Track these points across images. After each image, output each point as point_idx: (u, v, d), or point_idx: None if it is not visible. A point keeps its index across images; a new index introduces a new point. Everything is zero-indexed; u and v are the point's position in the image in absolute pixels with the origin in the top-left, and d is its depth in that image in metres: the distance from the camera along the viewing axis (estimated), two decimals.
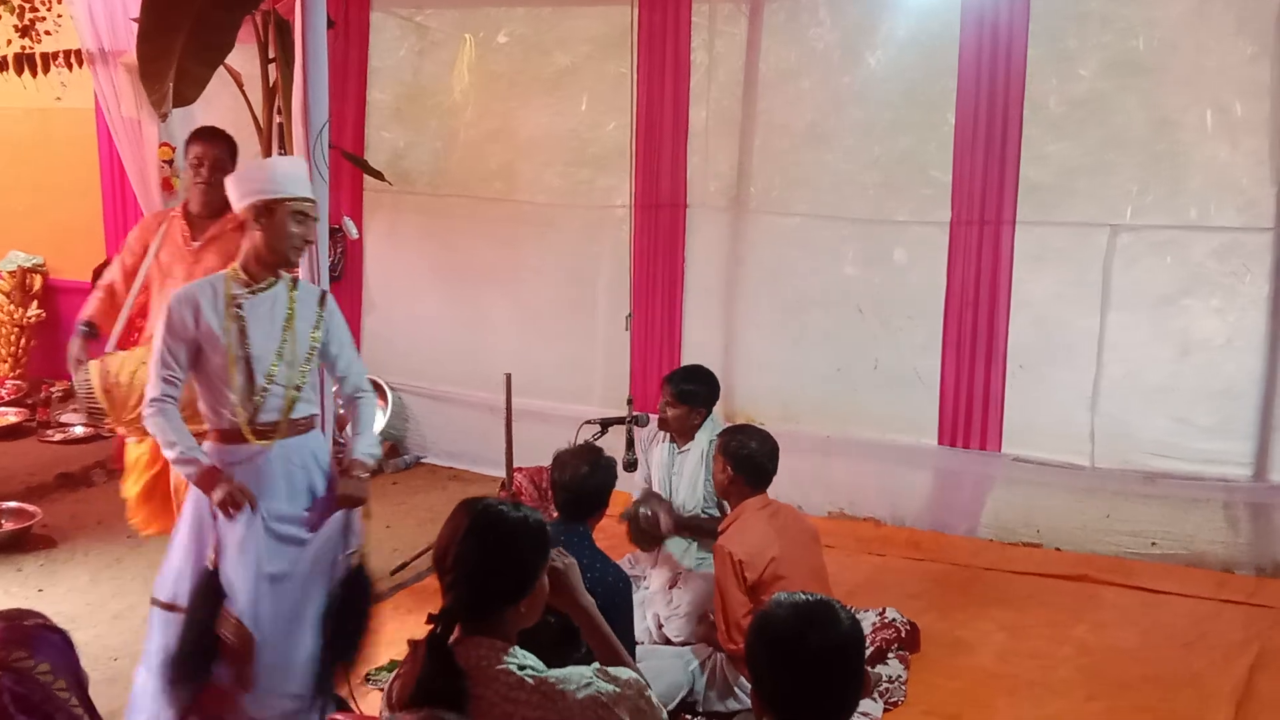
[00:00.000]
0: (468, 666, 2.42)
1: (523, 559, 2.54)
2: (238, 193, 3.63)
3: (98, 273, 6.84)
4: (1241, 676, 4.61)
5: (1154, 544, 5.73)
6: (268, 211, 3.56)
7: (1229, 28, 5.48)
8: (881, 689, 4.40)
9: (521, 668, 2.44)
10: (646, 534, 4.79)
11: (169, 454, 3.60)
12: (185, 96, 6.59)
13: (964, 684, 4.51)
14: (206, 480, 3.55)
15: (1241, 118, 5.51)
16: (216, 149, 5.01)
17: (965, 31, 5.82)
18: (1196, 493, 5.67)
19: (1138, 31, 5.65)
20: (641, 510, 4.78)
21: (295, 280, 3.72)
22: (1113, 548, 5.76)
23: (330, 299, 3.78)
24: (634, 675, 2.53)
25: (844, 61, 6.28)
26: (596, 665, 2.56)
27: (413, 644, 2.53)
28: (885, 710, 4.31)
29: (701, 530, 4.82)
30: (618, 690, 2.46)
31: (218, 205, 4.62)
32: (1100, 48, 5.73)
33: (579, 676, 2.47)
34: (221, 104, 7.85)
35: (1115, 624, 5.11)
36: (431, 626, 2.46)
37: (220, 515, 3.55)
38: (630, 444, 4.98)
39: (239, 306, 3.59)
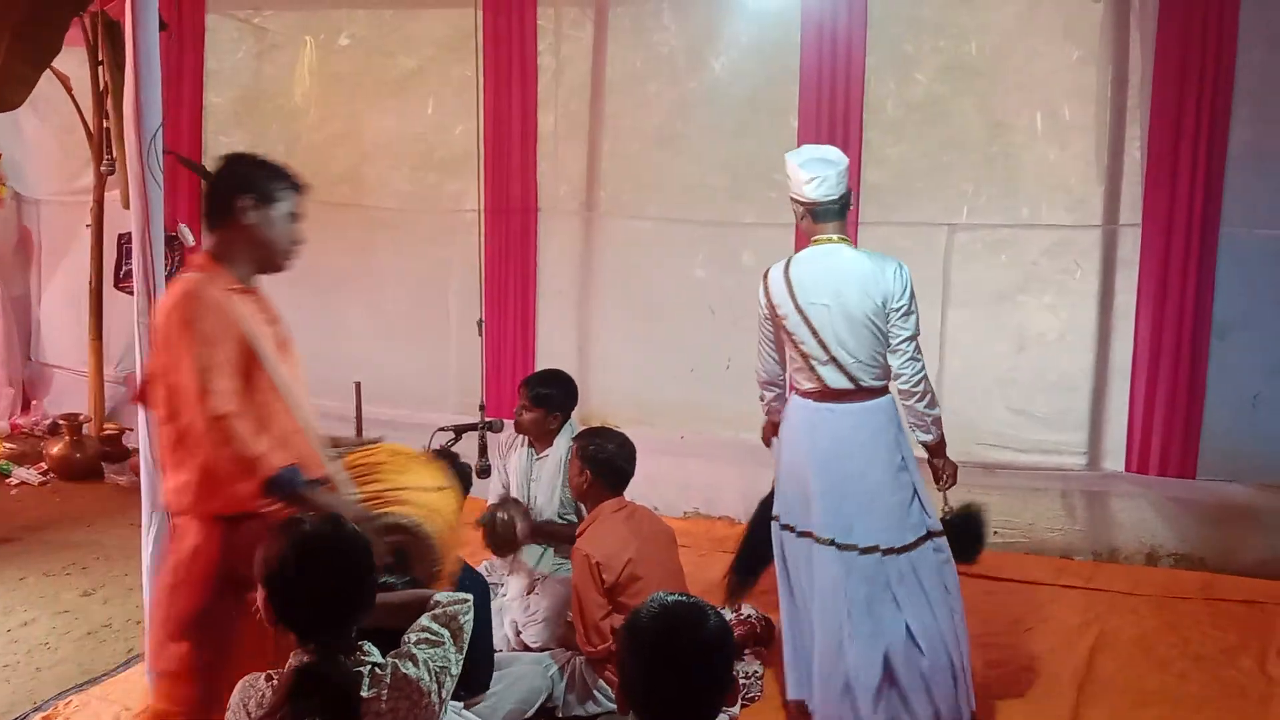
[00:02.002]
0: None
1: (355, 576, 2.59)
2: None
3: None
4: (1082, 659, 4.76)
5: (996, 533, 5.89)
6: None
7: (1056, 33, 5.69)
8: (740, 686, 4.44)
9: (381, 667, 2.52)
10: (503, 540, 4.75)
11: None
12: (10, 101, 6.33)
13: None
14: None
15: (1070, 120, 5.72)
16: None
17: (806, 36, 5.91)
18: (1035, 482, 5.88)
19: (970, 37, 5.82)
20: (499, 515, 4.74)
21: None
22: None
23: None
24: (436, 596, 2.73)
25: (689, 66, 6.34)
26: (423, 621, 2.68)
27: (283, 676, 2.53)
28: (743, 706, 4.34)
29: (558, 535, 4.80)
30: (437, 632, 2.63)
31: None
32: (936, 52, 5.90)
33: (420, 663, 2.57)
34: (49, 108, 7.57)
35: None
36: (304, 659, 2.50)
37: None
38: (483, 450, 4.93)
39: None
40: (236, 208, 3.19)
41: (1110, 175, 5.66)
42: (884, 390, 4.03)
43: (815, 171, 3.96)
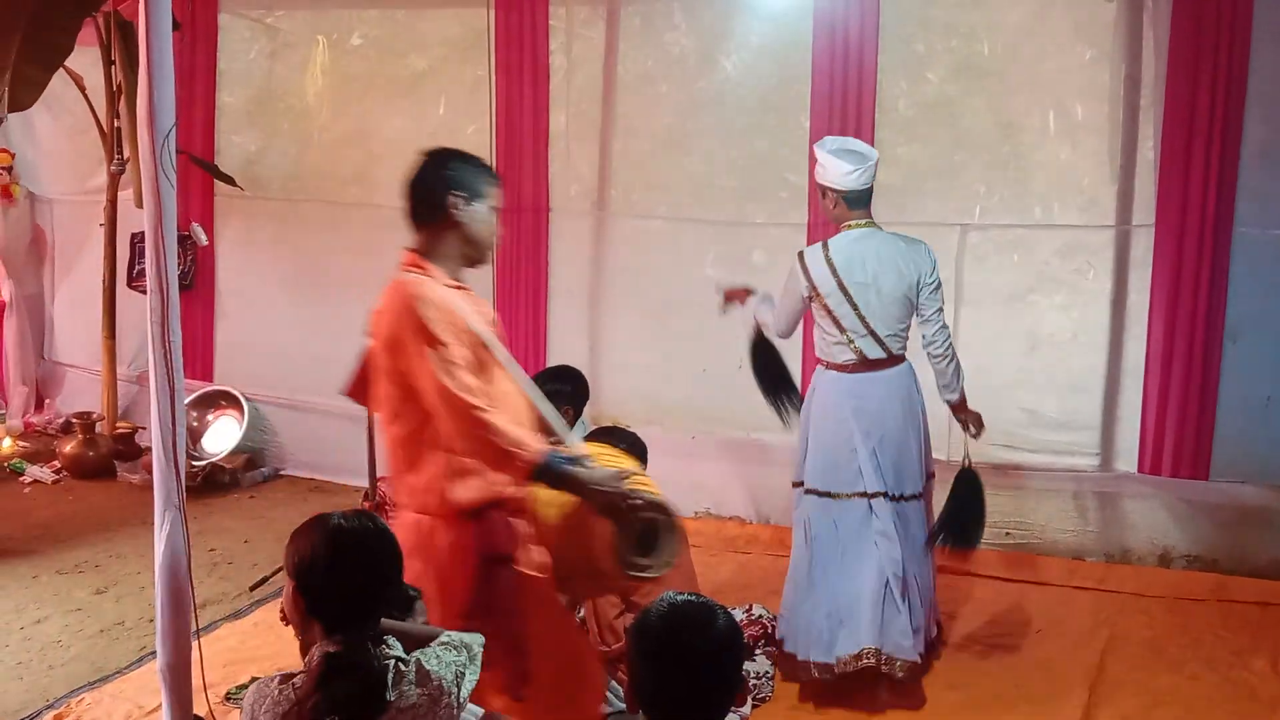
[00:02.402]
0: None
1: (382, 571, 2.62)
2: None
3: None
4: (1093, 661, 4.76)
5: (1007, 534, 5.89)
6: None
7: (1068, 32, 5.67)
8: (750, 686, 4.44)
9: (404, 662, 2.53)
10: None
11: None
12: (22, 101, 6.36)
13: (829, 677, 4.57)
14: None
15: (1082, 120, 5.70)
16: None
17: (817, 37, 5.91)
18: (1047, 483, 5.86)
19: (982, 36, 5.81)
20: None
21: None
22: None
23: None
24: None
25: (700, 67, 6.34)
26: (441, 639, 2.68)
27: (314, 662, 2.55)
28: (754, 706, 4.34)
29: None
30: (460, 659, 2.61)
31: None
32: (948, 52, 5.89)
33: (443, 663, 2.58)
34: (63, 108, 7.60)
35: (970, 614, 5.23)
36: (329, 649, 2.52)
37: None
38: None
39: None
40: (447, 205, 3.33)
41: (1123, 175, 5.64)
42: (904, 356, 4.57)
43: (855, 163, 4.40)
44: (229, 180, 6.90)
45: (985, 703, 4.42)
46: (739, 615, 4.86)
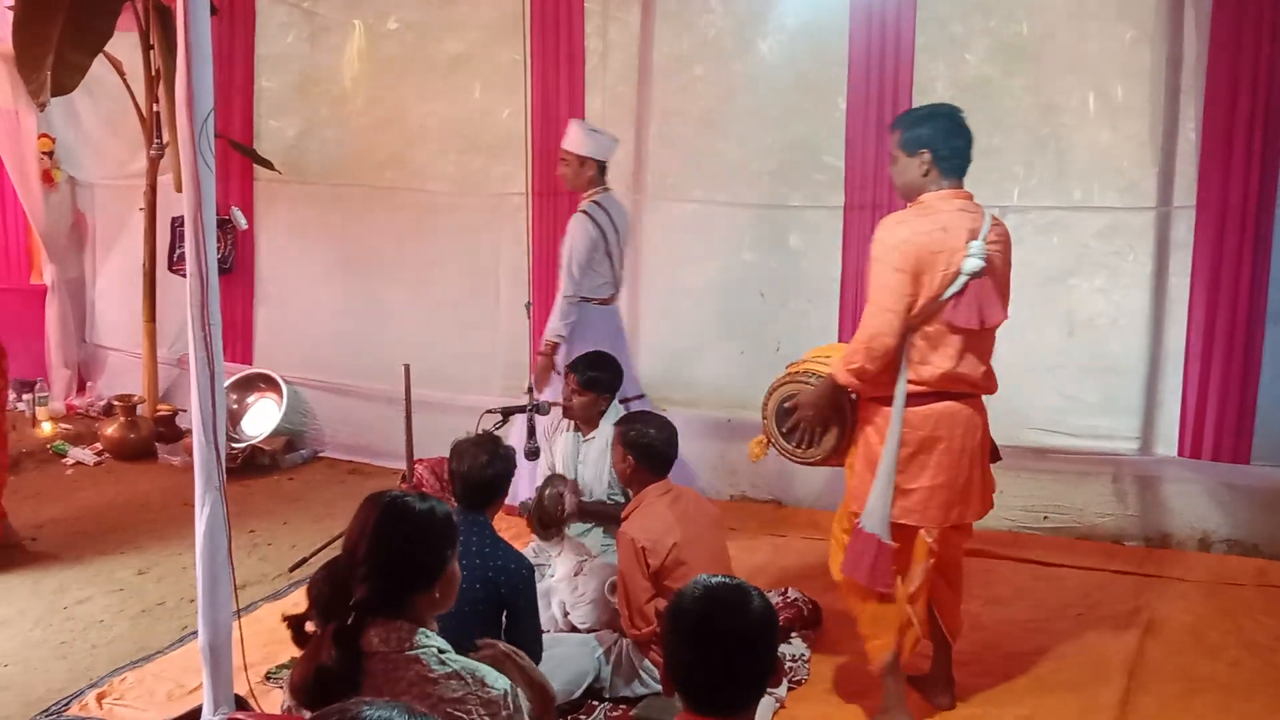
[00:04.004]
0: (375, 650, 2.48)
1: (432, 547, 2.62)
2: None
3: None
4: (1133, 645, 4.73)
5: (1046, 518, 5.87)
6: None
7: (1109, 12, 5.61)
8: (786, 668, 4.45)
9: (442, 650, 2.52)
10: (549, 516, 4.76)
11: None
12: (64, 85, 6.43)
13: (865, 661, 4.57)
14: None
15: (1122, 101, 5.65)
16: None
17: (854, 18, 5.88)
18: (1086, 467, 5.82)
19: (1021, 17, 5.76)
20: (548, 490, 4.76)
21: None
22: (1006, 522, 5.87)
23: None
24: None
25: (736, 49, 6.31)
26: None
27: (318, 634, 2.57)
28: (789, 689, 4.35)
29: (605, 516, 4.82)
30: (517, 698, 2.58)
31: None
32: (986, 33, 5.84)
33: (493, 675, 2.55)
34: (103, 93, 7.67)
35: (1009, 598, 5.21)
36: (345, 618, 2.51)
37: None
38: (531, 432, 4.95)
39: None
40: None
41: (1164, 157, 5.59)
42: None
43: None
44: (268, 164, 6.95)
45: (1023, 687, 4.40)
46: (774, 598, 4.87)
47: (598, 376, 4.94)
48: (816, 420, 4.09)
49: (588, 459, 4.97)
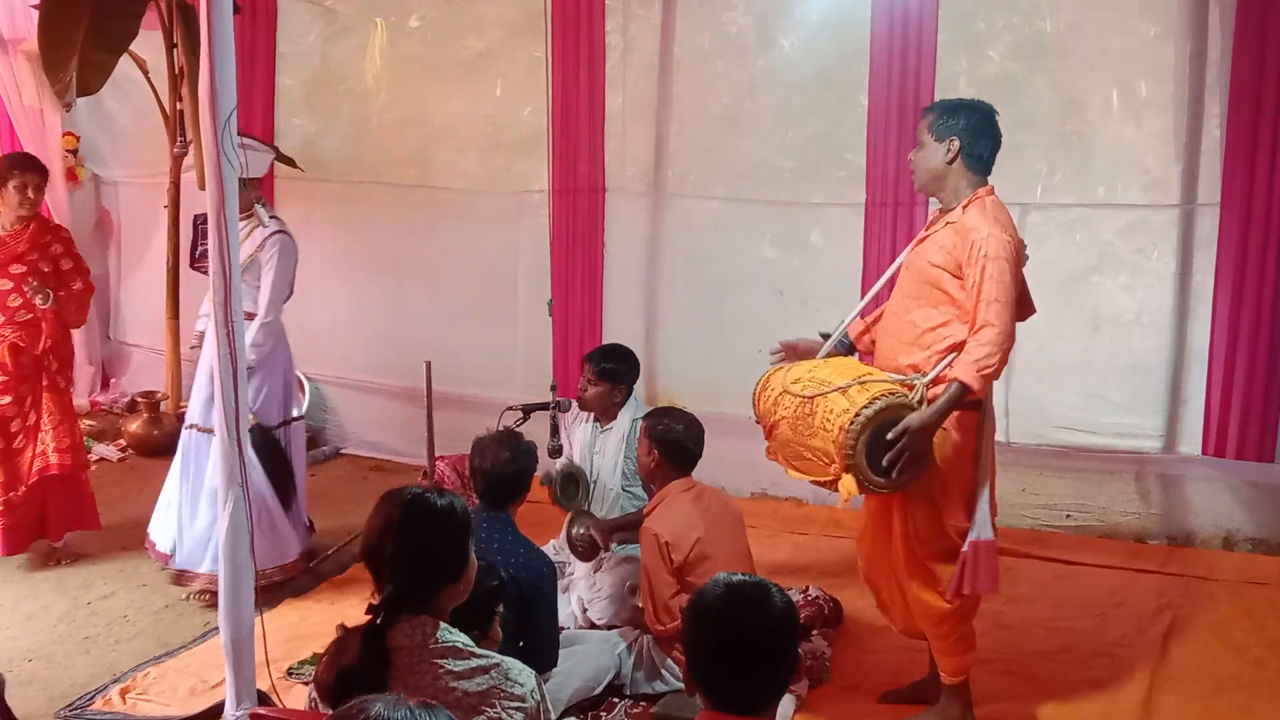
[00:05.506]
0: (400, 646, 2.50)
1: (458, 539, 2.65)
2: None
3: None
4: (1156, 644, 4.72)
5: (1069, 516, 5.84)
6: None
7: (1132, 9, 5.58)
8: (806, 665, 4.44)
9: (465, 644, 2.55)
10: (587, 553, 4.78)
11: None
12: (89, 85, 6.48)
13: (886, 659, 4.57)
14: None
15: (1146, 98, 5.62)
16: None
17: (876, 14, 5.86)
18: (1109, 466, 5.80)
19: (1044, 13, 5.73)
20: (575, 532, 4.77)
21: None
22: (1029, 521, 5.86)
23: None
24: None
25: (757, 46, 6.30)
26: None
27: (343, 631, 2.61)
28: (810, 687, 4.35)
29: (629, 525, 4.81)
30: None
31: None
32: (1008, 29, 5.81)
33: (519, 668, 2.58)
34: (127, 91, 7.71)
35: (1031, 596, 5.19)
36: (369, 616, 2.53)
37: None
38: (555, 430, 4.96)
39: None
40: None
41: (1188, 154, 5.55)
42: None
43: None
44: (289, 162, 6.97)
45: (1046, 686, 4.39)
46: (795, 596, 4.86)
47: (613, 367, 4.95)
48: (926, 446, 3.68)
49: (604, 449, 4.98)
